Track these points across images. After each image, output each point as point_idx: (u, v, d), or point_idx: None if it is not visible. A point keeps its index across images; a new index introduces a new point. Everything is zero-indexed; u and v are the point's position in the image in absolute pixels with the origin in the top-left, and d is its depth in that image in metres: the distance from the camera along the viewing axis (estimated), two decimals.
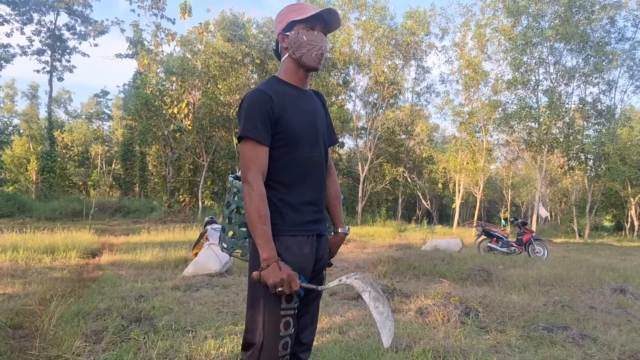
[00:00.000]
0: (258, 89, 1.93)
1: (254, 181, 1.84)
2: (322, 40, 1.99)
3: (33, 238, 9.84)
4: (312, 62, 1.98)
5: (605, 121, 24.25)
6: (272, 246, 1.82)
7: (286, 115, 1.92)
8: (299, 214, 1.95)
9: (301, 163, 1.96)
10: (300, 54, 1.97)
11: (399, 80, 28.81)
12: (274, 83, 2.00)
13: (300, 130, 1.95)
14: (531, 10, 22.70)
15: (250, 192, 1.84)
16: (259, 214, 1.81)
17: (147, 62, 27.69)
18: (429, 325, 4.40)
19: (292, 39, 1.97)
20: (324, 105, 2.20)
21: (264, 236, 1.82)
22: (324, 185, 2.08)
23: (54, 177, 31.21)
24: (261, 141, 1.87)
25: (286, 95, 1.96)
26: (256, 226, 1.82)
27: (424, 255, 9.74)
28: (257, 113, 1.87)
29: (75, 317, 4.24)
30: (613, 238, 26.70)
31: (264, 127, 1.87)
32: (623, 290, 6.24)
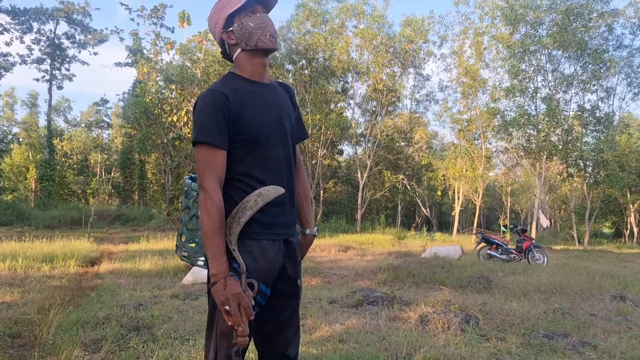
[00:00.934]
0: (212, 89, 1.80)
1: (211, 188, 1.71)
2: (269, 19, 1.87)
3: (32, 246, 9.83)
4: (269, 44, 1.85)
5: (603, 128, 24.32)
6: (222, 260, 1.68)
7: (245, 114, 1.80)
8: (265, 216, 1.81)
9: (265, 162, 1.83)
10: (254, 41, 1.83)
11: (398, 88, 28.91)
12: (230, 80, 1.87)
13: (263, 128, 1.83)
14: (529, 18, 22.83)
15: (205, 201, 1.71)
16: (213, 225, 1.68)
17: (147, 71, 27.78)
18: (429, 333, 4.39)
19: (239, 32, 1.84)
20: (292, 98, 2.05)
21: (216, 249, 1.68)
22: (292, 184, 1.94)
23: (53, 186, 31.20)
24: (217, 145, 1.74)
25: (245, 92, 1.84)
26: (209, 238, 1.69)
27: (423, 262, 9.73)
28: (212, 115, 1.74)
29: (74, 326, 4.23)
30: (612, 245, 26.68)
31: (219, 130, 1.75)
32: (623, 298, 6.23)
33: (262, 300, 1.80)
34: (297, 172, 2.05)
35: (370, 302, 5.59)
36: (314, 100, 26.02)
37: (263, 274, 1.78)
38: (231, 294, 1.65)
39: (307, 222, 2.09)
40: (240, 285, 1.68)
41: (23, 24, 29.70)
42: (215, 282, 1.68)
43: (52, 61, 31.95)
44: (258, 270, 1.77)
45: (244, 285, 1.70)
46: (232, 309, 1.65)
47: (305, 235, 2.09)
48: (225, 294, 1.65)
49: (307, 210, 2.09)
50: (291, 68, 27.78)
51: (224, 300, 1.66)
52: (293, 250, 1.94)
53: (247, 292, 1.70)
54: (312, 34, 26.78)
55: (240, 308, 1.67)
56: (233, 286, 1.66)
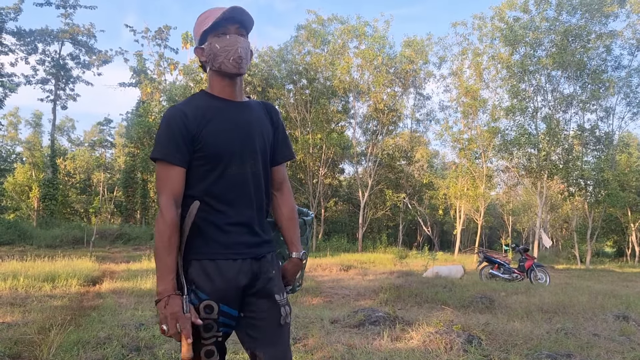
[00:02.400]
0: (173, 106, 1.82)
1: (165, 206, 1.70)
2: (236, 42, 1.81)
3: (33, 266, 9.82)
4: (231, 69, 1.82)
5: (603, 147, 24.38)
6: (169, 279, 1.67)
7: (206, 130, 1.77)
8: (225, 236, 1.79)
9: (228, 180, 1.80)
10: (218, 64, 1.82)
11: (399, 107, 29.09)
12: (198, 97, 1.87)
13: (225, 145, 1.80)
14: (528, 39, 23.07)
15: (158, 218, 1.70)
16: (163, 243, 1.68)
17: (150, 91, 28.06)
18: (432, 354, 4.37)
19: (208, 51, 1.84)
20: (272, 116, 2.01)
21: (164, 268, 1.68)
22: (258, 205, 1.88)
23: (56, 205, 31.24)
24: (173, 162, 1.73)
25: (210, 109, 1.81)
26: (158, 257, 1.69)
27: (425, 282, 9.70)
28: (169, 132, 1.74)
29: (75, 346, 4.21)
30: (614, 264, 26.52)
31: (176, 147, 1.74)
32: (626, 317, 6.20)
33: (227, 321, 1.79)
34: (282, 193, 2.02)
35: (372, 322, 5.57)
36: (314, 120, 26.17)
37: (221, 295, 1.76)
38: (169, 313, 1.64)
39: (292, 245, 2.00)
40: (181, 305, 1.66)
41: (28, 45, 30.05)
42: (159, 299, 1.67)
43: (57, 81, 32.25)
44: (215, 290, 1.75)
45: (186, 306, 1.68)
46: (169, 327, 1.64)
47: (291, 258, 2.00)
48: (165, 312, 1.65)
49: (292, 233, 2.01)
50: (292, 88, 28.00)
51: (162, 319, 1.66)
52: (265, 266, 1.87)
53: (188, 314, 1.67)
54: (313, 55, 27.06)
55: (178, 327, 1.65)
56: (173, 305, 1.65)
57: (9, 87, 26.89)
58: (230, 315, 1.79)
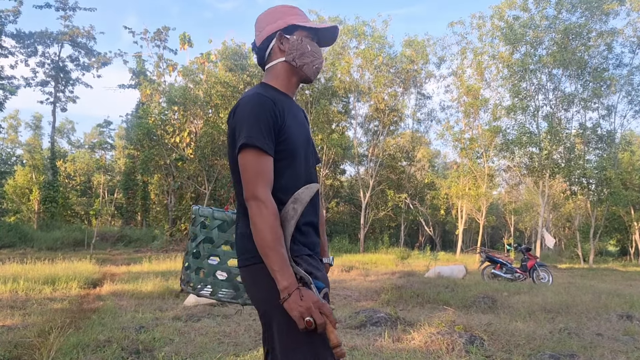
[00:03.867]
0: (257, 92, 1.70)
1: (266, 197, 1.58)
2: (321, 54, 1.85)
3: (34, 268, 9.78)
4: (311, 74, 1.82)
5: (605, 146, 24.33)
6: (291, 272, 1.54)
7: (287, 124, 1.71)
8: (303, 236, 1.72)
9: (300, 178, 1.74)
10: (302, 62, 1.78)
11: (400, 108, 29.06)
12: (265, 88, 1.77)
13: (299, 141, 1.75)
14: (528, 37, 23.03)
15: (262, 210, 1.56)
16: (274, 235, 1.55)
17: (150, 92, 28.01)
18: (434, 354, 4.33)
19: (295, 45, 1.78)
20: (307, 122, 1.99)
21: (281, 260, 1.54)
22: (319, 205, 1.86)
23: (56, 207, 31.23)
24: (267, 151, 1.62)
25: (283, 102, 1.75)
26: (272, 249, 1.54)
27: (427, 282, 9.66)
28: (262, 118, 1.62)
29: (74, 349, 4.18)
30: (618, 263, 26.48)
31: (269, 135, 1.63)
32: (630, 317, 6.15)
33: None
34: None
35: (374, 322, 5.54)
36: (315, 121, 26.15)
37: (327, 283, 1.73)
38: (312, 303, 1.51)
39: (324, 251, 1.98)
40: (315, 295, 1.56)
41: (28, 47, 30.07)
42: (289, 294, 1.52)
43: (56, 84, 32.27)
44: (324, 278, 1.71)
45: (317, 293, 1.58)
46: (316, 318, 1.51)
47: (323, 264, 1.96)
48: (305, 304, 1.50)
49: (323, 238, 1.98)
50: None
51: (304, 312, 1.50)
52: (324, 270, 1.86)
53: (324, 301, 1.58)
54: None
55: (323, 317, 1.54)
56: (310, 295, 1.52)
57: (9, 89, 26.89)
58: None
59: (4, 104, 26.50)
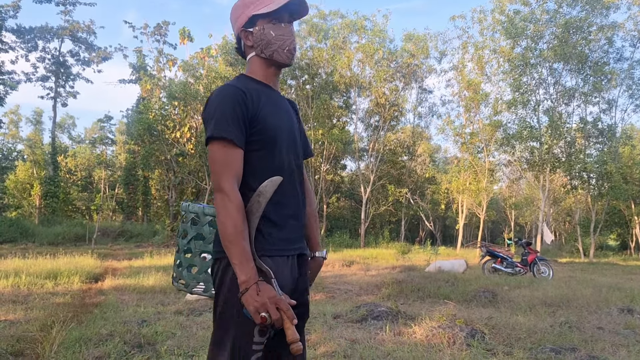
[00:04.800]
0: (228, 84, 1.68)
1: (230, 189, 1.56)
2: (292, 34, 1.76)
3: (35, 263, 9.81)
4: (284, 59, 1.75)
5: (606, 140, 24.30)
6: (251, 266, 1.53)
7: (262, 113, 1.67)
8: (280, 231, 1.68)
9: (281, 168, 1.70)
10: (270, 51, 1.73)
11: (400, 102, 29.02)
12: (244, 80, 1.75)
13: (278, 130, 1.71)
14: (529, 32, 22.96)
15: (225, 203, 1.55)
16: (236, 228, 1.53)
17: (150, 88, 27.99)
18: (435, 348, 4.35)
19: (258, 36, 1.73)
20: (297, 113, 1.94)
21: (242, 254, 1.52)
22: (302, 197, 1.81)
23: (57, 202, 31.28)
24: (236, 142, 1.60)
25: (260, 92, 1.71)
26: (233, 242, 1.52)
27: (428, 277, 9.68)
28: (230, 110, 1.60)
29: (77, 343, 4.20)
30: (618, 257, 26.49)
31: (237, 127, 1.60)
32: (630, 311, 6.17)
33: None
34: (305, 190, 1.90)
35: (375, 317, 5.55)
36: (316, 115, 26.12)
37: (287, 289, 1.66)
38: (267, 298, 1.50)
39: (316, 244, 1.95)
40: (274, 289, 1.54)
41: (28, 42, 30.04)
42: (246, 289, 1.51)
43: (57, 79, 32.25)
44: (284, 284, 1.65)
45: (277, 289, 1.56)
46: (271, 314, 1.50)
47: (315, 258, 1.94)
48: (261, 299, 1.49)
49: (315, 231, 1.95)
50: (293, 83, 27.95)
51: (259, 307, 1.49)
52: (305, 265, 1.82)
53: (283, 296, 1.55)
54: (315, 49, 26.99)
55: (280, 312, 1.52)
56: (268, 290, 1.51)
57: (9, 84, 26.90)
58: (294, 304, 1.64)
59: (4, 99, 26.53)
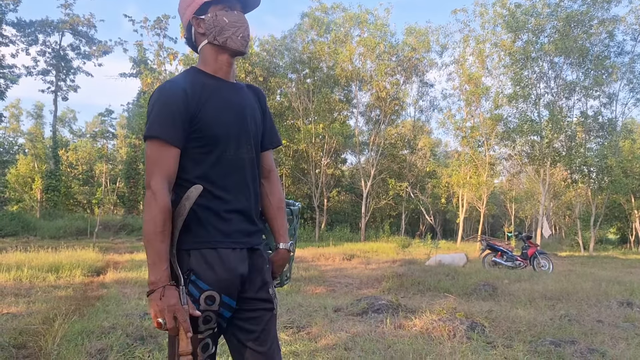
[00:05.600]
0: (170, 81, 1.68)
1: (157, 188, 1.56)
2: (245, 21, 1.75)
3: (37, 257, 9.84)
4: (238, 46, 1.73)
5: (606, 134, 24.28)
6: (163, 268, 1.54)
7: (204, 110, 1.66)
8: (225, 223, 1.67)
9: (225, 165, 1.69)
10: (223, 38, 1.71)
11: (401, 96, 28.97)
12: (191, 74, 1.73)
13: (223, 127, 1.69)
14: (530, 25, 22.89)
15: (150, 202, 1.56)
16: (155, 228, 1.54)
17: (150, 81, 27.95)
18: (435, 341, 4.37)
19: (210, 23, 1.71)
20: (260, 101, 1.91)
21: (157, 255, 1.54)
22: (254, 191, 1.79)
23: (59, 196, 31.33)
24: (170, 141, 1.60)
25: (206, 87, 1.70)
26: (150, 243, 1.54)
27: (428, 270, 9.70)
28: (167, 109, 1.61)
29: (79, 335, 4.22)
30: (618, 251, 26.53)
31: (174, 125, 1.60)
32: (630, 304, 6.19)
33: (226, 312, 1.68)
34: (270, 182, 1.91)
35: (375, 310, 5.58)
36: (317, 109, 26.09)
37: (224, 285, 1.64)
38: (166, 305, 1.51)
39: (279, 236, 1.89)
40: (178, 297, 1.55)
41: (29, 36, 29.97)
42: (152, 290, 1.54)
43: (57, 72, 32.20)
44: (218, 280, 1.63)
45: (183, 297, 1.56)
46: (167, 322, 1.52)
47: (279, 250, 1.89)
48: (161, 305, 1.52)
49: (280, 223, 1.90)
50: (294, 77, 27.91)
51: (158, 312, 1.52)
52: (260, 258, 1.79)
53: (185, 306, 1.55)
54: (317, 43, 26.92)
55: (176, 322, 1.53)
56: (170, 297, 1.52)
57: (10, 78, 26.85)
58: (230, 307, 1.68)
59: (5, 93, 26.49)
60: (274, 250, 1.92)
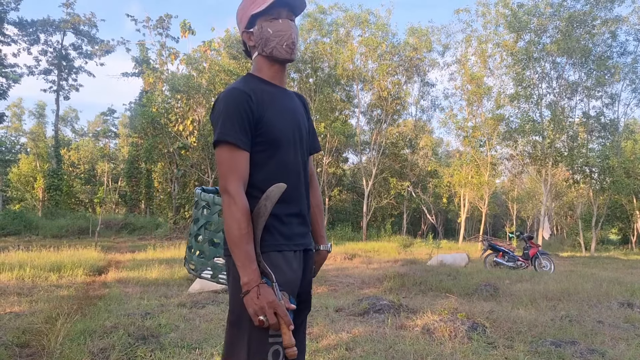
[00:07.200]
0: (234, 87, 1.73)
1: (236, 192, 1.61)
2: (290, 28, 1.78)
3: (39, 256, 9.87)
4: (284, 55, 1.78)
5: (609, 134, 24.24)
6: (254, 268, 1.59)
7: (267, 115, 1.71)
8: (285, 227, 1.73)
9: (286, 168, 1.75)
10: (269, 49, 1.76)
11: (403, 96, 28.96)
12: (250, 81, 1.79)
13: (283, 132, 1.75)
14: (532, 25, 22.86)
15: (231, 206, 1.61)
16: (240, 231, 1.59)
17: (153, 81, 27.98)
18: (436, 341, 4.38)
19: (257, 35, 1.78)
20: (305, 108, 1.99)
21: (246, 257, 1.59)
22: (307, 195, 1.86)
23: (61, 195, 31.39)
24: (241, 145, 1.65)
25: (265, 93, 1.76)
26: (237, 245, 1.59)
27: (429, 270, 9.71)
28: (235, 114, 1.66)
29: (82, 335, 4.24)
30: (619, 251, 26.50)
31: (243, 130, 1.66)
32: (630, 305, 6.20)
33: (291, 314, 1.68)
34: (312, 185, 1.97)
35: (377, 310, 5.59)
36: (319, 109, 26.10)
37: (290, 286, 1.70)
38: (266, 303, 1.55)
39: (321, 237, 2.00)
40: (274, 293, 1.59)
41: (30, 36, 30.03)
42: (247, 291, 1.57)
43: (59, 72, 32.26)
44: (286, 282, 1.68)
45: (278, 293, 1.61)
46: (268, 318, 1.56)
47: (319, 251, 1.99)
48: (260, 302, 1.56)
49: (320, 225, 2.00)
50: (296, 77, 27.92)
51: (258, 310, 1.56)
52: (310, 259, 1.88)
53: (281, 301, 1.60)
54: (318, 43, 26.93)
55: (277, 317, 1.57)
56: (267, 294, 1.57)
57: (12, 78, 26.89)
58: (293, 308, 1.69)
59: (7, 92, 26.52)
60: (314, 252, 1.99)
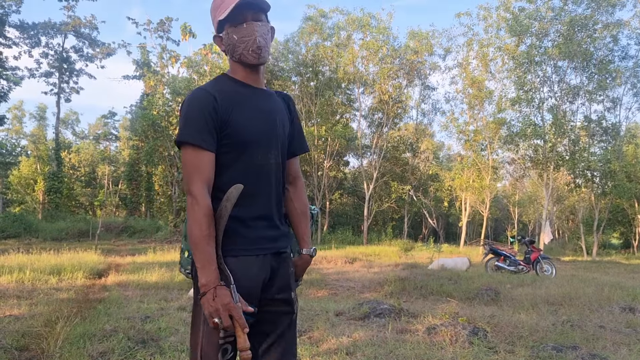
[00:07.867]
0: (200, 88, 1.72)
1: (198, 193, 1.61)
2: (254, 31, 1.72)
3: (39, 259, 9.87)
4: (251, 60, 1.74)
5: (610, 138, 24.23)
6: (212, 269, 1.58)
7: (233, 116, 1.70)
8: (249, 230, 1.71)
9: (252, 171, 1.72)
10: (237, 55, 1.75)
11: (404, 99, 28.97)
12: (222, 81, 1.78)
13: (252, 133, 1.73)
14: (534, 29, 22.88)
15: (193, 206, 1.60)
16: (201, 232, 1.58)
17: (154, 84, 28.03)
18: (437, 346, 4.36)
19: (226, 42, 1.77)
20: (290, 107, 1.95)
21: (205, 258, 1.58)
22: (278, 196, 1.82)
23: (61, 198, 31.42)
24: (204, 146, 1.64)
25: (235, 94, 1.74)
26: (198, 246, 1.58)
27: (430, 274, 9.69)
28: (199, 115, 1.65)
29: (81, 338, 4.23)
30: (621, 256, 26.43)
31: (207, 130, 1.65)
32: (632, 309, 6.17)
33: (247, 317, 1.67)
34: (295, 187, 1.95)
35: (377, 314, 5.57)
36: (320, 112, 26.12)
37: (245, 292, 1.66)
38: (221, 305, 1.55)
39: (303, 241, 1.95)
40: (230, 296, 1.58)
41: (31, 38, 30.11)
42: (204, 292, 1.57)
43: (60, 74, 32.33)
44: (240, 288, 1.65)
45: (235, 296, 1.60)
46: (223, 320, 1.56)
47: (302, 255, 1.95)
48: (215, 305, 1.55)
49: (304, 229, 1.95)
50: (297, 80, 27.94)
51: (213, 312, 1.55)
52: (285, 261, 1.83)
53: (238, 303, 1.59)
54: (319, 47, 26.96)
55: (232, 320, 1.57)
56: (223, 297, 1.56)
57: (13, 80, 26.94)
58: (252, 313, 1.69)
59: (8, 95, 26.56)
60: (296, 255, 1.96)
